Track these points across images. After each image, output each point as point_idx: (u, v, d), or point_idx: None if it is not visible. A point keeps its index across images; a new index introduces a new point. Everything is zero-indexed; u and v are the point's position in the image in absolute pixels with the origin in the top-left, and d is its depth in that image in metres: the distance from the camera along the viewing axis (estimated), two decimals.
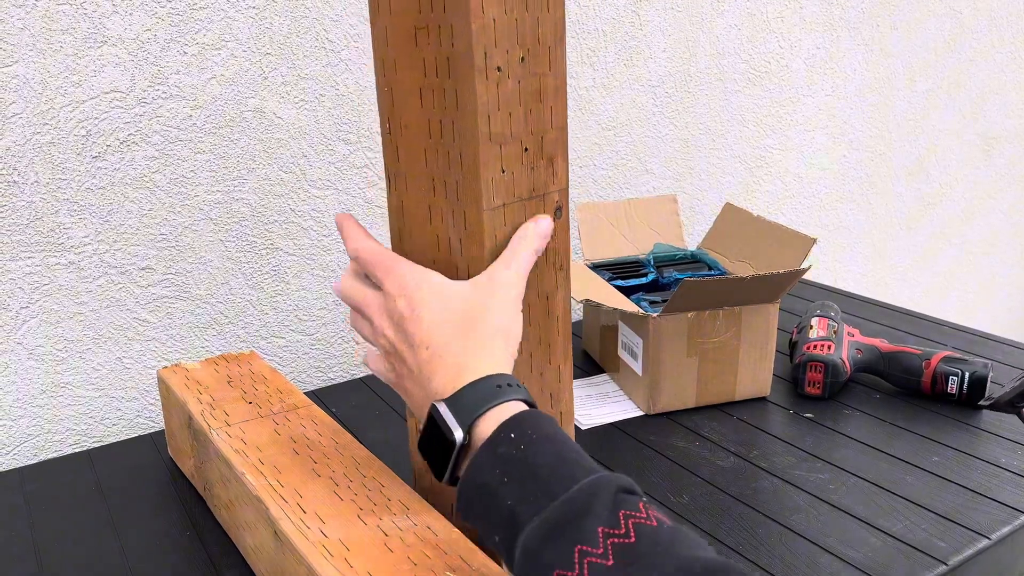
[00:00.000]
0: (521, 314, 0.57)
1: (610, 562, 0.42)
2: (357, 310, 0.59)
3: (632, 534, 0.43)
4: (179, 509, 0.81)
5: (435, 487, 0.67)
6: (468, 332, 0.54)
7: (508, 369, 0.54)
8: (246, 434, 0.73)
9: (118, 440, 0.98)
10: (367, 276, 0.59)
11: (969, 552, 0.72)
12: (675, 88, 1.43)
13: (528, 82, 0.56)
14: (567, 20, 1.16)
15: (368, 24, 1.07)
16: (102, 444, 0.99)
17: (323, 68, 1.05)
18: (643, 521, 0.44)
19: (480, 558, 0.56)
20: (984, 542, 0.73)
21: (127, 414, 1.02)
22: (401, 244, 0.62)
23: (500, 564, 0.56)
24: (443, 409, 0.51)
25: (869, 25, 1.70)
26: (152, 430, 1.02)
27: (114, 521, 0.80)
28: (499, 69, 0.54)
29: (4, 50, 0.86)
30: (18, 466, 0.93)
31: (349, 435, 0.74)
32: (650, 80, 1.39)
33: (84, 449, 0.97)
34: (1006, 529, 0.75)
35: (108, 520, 0.80)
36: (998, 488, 0.81)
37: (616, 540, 0.43)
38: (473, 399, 0.51)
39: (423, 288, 0.55)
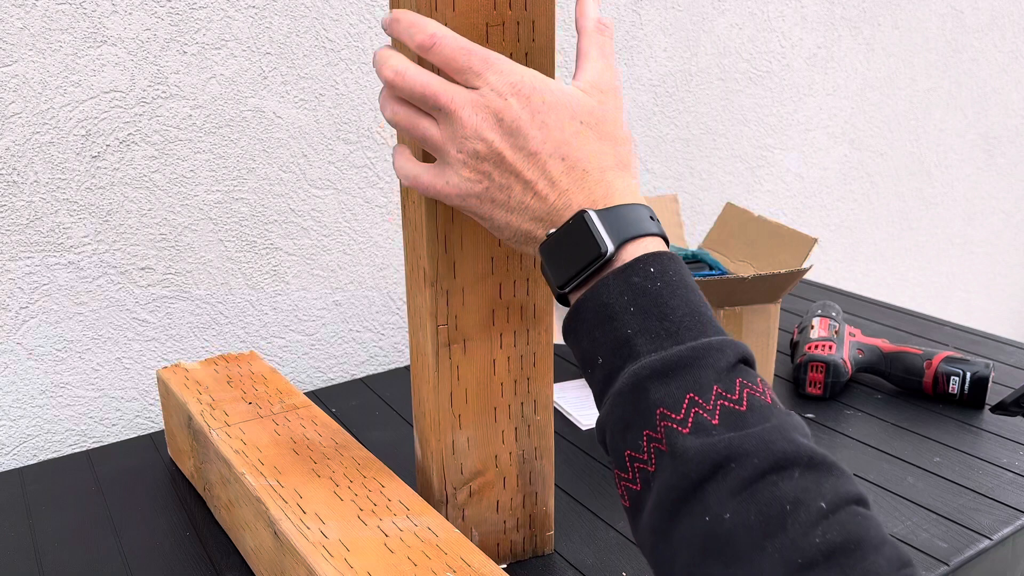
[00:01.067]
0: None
1: (715, 421, 0.41)
2: (428, 106, 0.50)
3: (744, 403, 0.42)
4: (179, 509, 0.81)
5: (422, 466, 0.67)
6: (605, 153, 0.50)
7: (640, 194, 0.52)
8: (246, 434, 0.73)
9: (118, 440, 0.98)
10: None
11: (970, 553, 0.72)
12: (676, 87, 1.42)
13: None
14: (566, 20, 1.16)
15: (370, 24, 1.06)
16: (102, 444, 0.99)
17: (323, 68, 1.05)
18: (758, 395, 0.43)
19: (480, 558, 0.56)
20: (985, 543, 0.73)
21: (127, 414, 1.02)
22: (448, 254, 0.60)
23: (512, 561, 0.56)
24: (595, 220, 0.47)
25: (870, 24, 1.70)
26: (152, 430, 1.02)
27: (114, 521, 0.80)
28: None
29: (4, 50, 0.86)
30: (18, 466, 0.93)
31: (349, 435, 0.74)
32: (651, 79, 1.38)
33: (84, 449, 0.97)
34: (1007, 530, 0.75)
35: (108, 520, 0.80)
36: (1000, 489, 0.81)
37: (727, 404, 0.42)
38: (626, 221, 0.48)
39: (540, 89, 0.49)
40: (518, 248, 0.53)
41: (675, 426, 0.42)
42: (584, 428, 0.94)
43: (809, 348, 1.00)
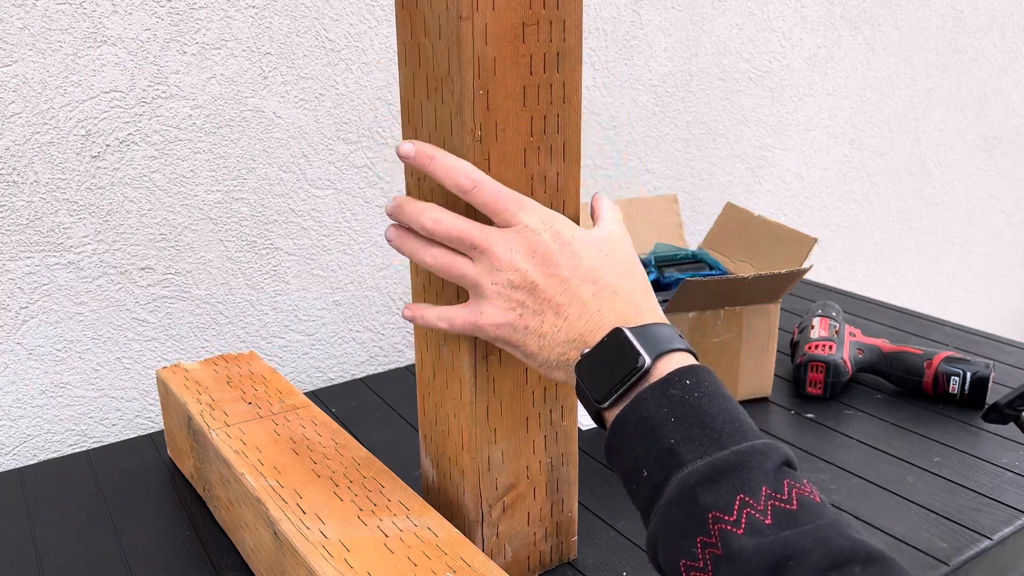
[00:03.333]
0: None
1: (768, 520, 0.42)
2: (466, 247, 0.54)
3: (795, 502, 0.43)
4: (179, 509, 0.81)
5: (442, 487, 0.66)
6: (630, 276, 0.54)
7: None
8: (246, 434, 0.73)
9: (118, 440, 0.98)
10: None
11: (971, 553, 0.72)
12: (676, 87, 1.42)
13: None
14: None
15: (370, 24, 1.06)
16: (102, 444, 0.99)
17: (323, 68, 1.05)
18: (807, 495, 0.43)
19: (480, 558, 0.56)
20: (986, 543, 0.73)
21: (127, 414, 1.02)
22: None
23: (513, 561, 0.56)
24: (630, 336, 0.50)
25: (870, 24, 1.70)
26: (152, 430, 1.02)
27: (114, 521, 0.80)
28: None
29: (4, 50, 0.86)
30: (18, 466, 0.93)
31: (349, 435, 0.74)
32: (651, 79, 1.38)
33: (84, 449, 0.97)
34: (1008, 530, 0.75)
35: (108, 520, 0.80)
36: (1000, 489, 0.81)
37: (777, 504, 0.42)
38: (659, 337, 0.51)
39: (568, 226, 0.54)
40: (550, 375, 0.55)
41: (729, 528, 0.42)
42: (584, 428, 0.94)
43: (809, 348, 1.00)
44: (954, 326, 1.21)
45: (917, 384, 0.98)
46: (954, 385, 0.96)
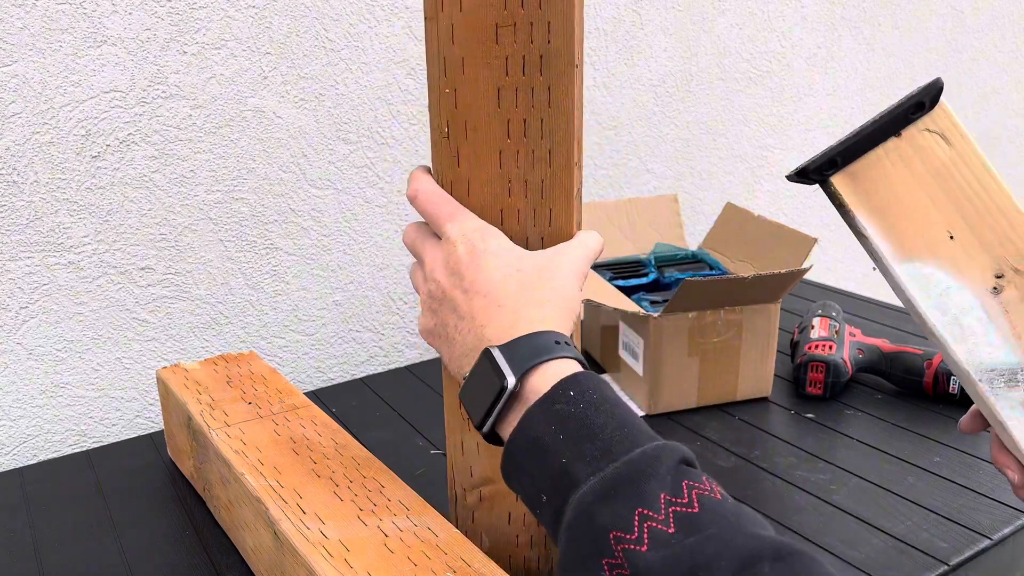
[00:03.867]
0: (580, 292, 0.55)
1: (671, 529, 0.40)
2: (415, 256, 0.58)
3: (696, 504, 0.41)
4: (179, 509, 0.81)
5: (448, 482, 0.66)
6: (529, 289, 0.52)
7: (566, 330, 0.52)
8: (245, 434, 0.73)
9: (117, 440, 0.98)
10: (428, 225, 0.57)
11: (971, 552, 0.72)
12: (676, 87, 1.42)
13: (580, 70, 0.57)
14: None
15: (370, 24, 1.06)
16: (101, 444, 0.99)
17: (323, 68, 1.05)
18: (707, 493, 0.42)
19: (480, 558, 0.56)
20: (986, 542, 0.73)
21: (126, 414, 1.02)
22: None
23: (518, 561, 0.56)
24: (497, 354, 0.49)
25: (870, 24, 1.70)
26: (151, 430, 1.02)
27: (114, 521, 0.80)
28: (576, 65, 0.55)
29: (4, 50, 0.86)
30: (18, 466, 0.93)
31: (349, 435, 0.74)
32: (651, 79, 1.38)
33: (83, 449, 0.97)
34: (1008, 529, 0.75)
35: (108, 520, 0.80)
36: (1000, 488, 0.81)
37: (678, 508, 0.41)
38: (528, 349, 0.49)
39: (488, 240, 0.54)
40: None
41: (632, 547, 0.40)
42: None
43: (809, 348, 1.00)
44: None
45: (917, 384, 0.98)
46: (954, 385, 0.96)
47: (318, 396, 1.06)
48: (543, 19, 0.53)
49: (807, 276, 1.36)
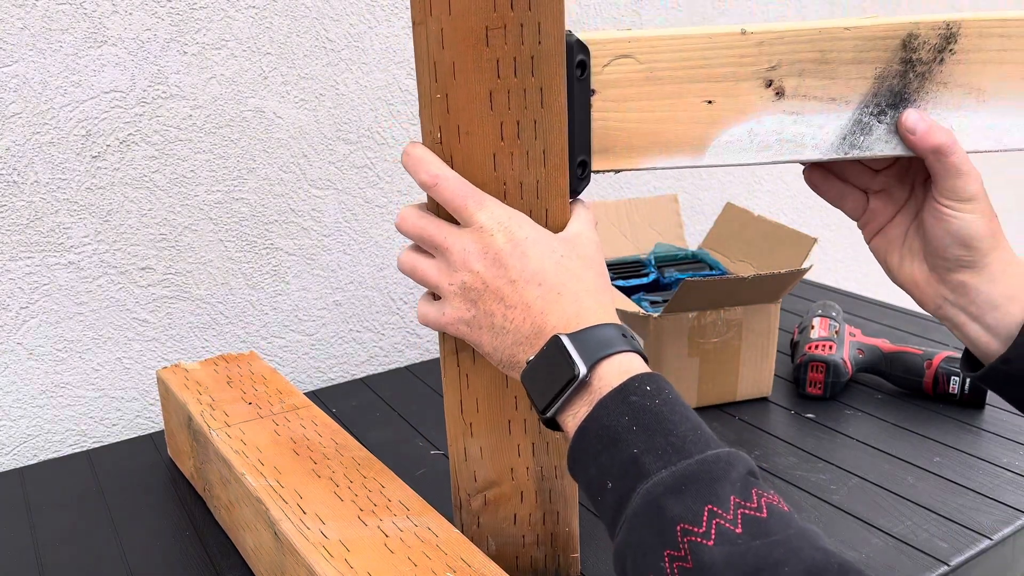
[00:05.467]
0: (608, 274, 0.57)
1: (739, 530, 0.40)
2: (428, 246, 0.55)
3: (764, 511, 0.41)
4: (179, 509, 0.81)
5: (453, 488, 0.66)
6: (578, 276, 0.53)
7: (619, 322, 0.53)
8: (246, 435, 0.73)
9: (118, 440, 0.98)
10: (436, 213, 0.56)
11: (971, 552, 0.72)
12: None
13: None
14: (567, 20, 1.16)
15: (370, 24, 1.06)
16: (102, 444, 0.99)
17: (323, 68, 1.05)
18: (776, 504, 0.42)
19: (480, 558, 0.56)
20: (986, 543, 0.73)
21: (127, 414, 1.02)
22: None
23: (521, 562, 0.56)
24: (567, 342, 0.49)
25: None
26: (152, 430, 1.02)
27: (114, 521, 0.80)
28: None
29: (4, 50, 0.86)
30: (18, 466, 0.93)
31: (349, 435, 0.74)
32: None
33: (84, 449, 0.97)
34: (1008, 529, 0.75)
35: (108, 520, 0.80)
36: (1000, 489, 0.81)
37: (747, 512, 0.41)
38: (597, 341, 0.50)
39: (524, 227, 0.53)
40: (509, 374, 0.55)
41: (699, 539, 0.41)
42: None
43: (809, 348, 1.00)
44: None
45: (917, 384, 0.98)
46: (954, 385, 0.96)
47: (318, 396, 1.06)
48: (533, 20, 0.53)
49: (807, 276, 1.36)
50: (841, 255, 1.85)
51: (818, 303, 1.10)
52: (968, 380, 0.95)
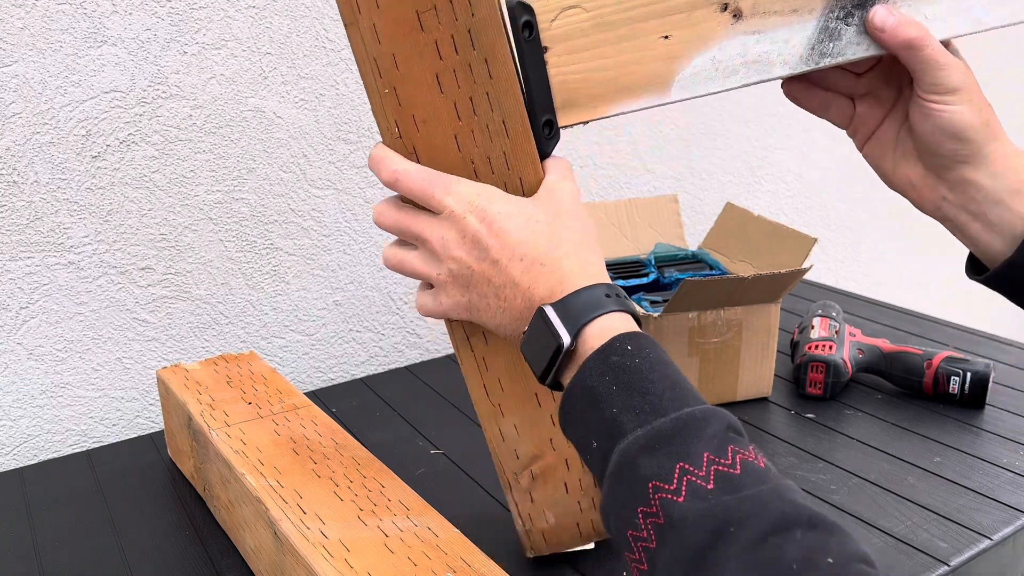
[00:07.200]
0: (591, 219, 0.56)
1: (710, 486, 0.41)
2: (407, 238, 0.55)
3: (738, 467, 0.42)
4: (179, 509, 0.81)
5: (498, 471, 0.66)
6: (556, 240, 0.53)
7: (605, 277, 0.53)
8: (246, 434, 0.73)
9: (118, 440, 0.98)
10: (411, 203, 0.55)
11: (971, 553, 0.72)
12: None
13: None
14: None
15: None
16: (102, 444, 0.99)
17: (323, 68, 1.05)
18: (751, 460, 0.42)
19: (480, 558, 0.56)
20: (986, 543, 0.73)
21: (127, 414, 1.02)
22: None
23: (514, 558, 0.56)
24: (551, 313, 0.50)
25: None
26: (152, 430, 1.02)
27: (114, 521, 0.80)
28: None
29: (4, 50, 0.86)
30: (18, 466, 0.93)
31: (349, 435, 0.74)
32: None
33: (84, 449, 0.97)
34: (1008, 529, 0.75)
35: (108, 520, 0.80)
36: (1000, 488, 0.81)
37: (720, 468, 0.42)
38: (581, 305, 0.50)
39: (495, 202, 0.53)
40: (518, 346, 0.55)
41: (669, 496, 0.41)
42: None
43: (809, 348, 1.00)
44: (954, 326, 1.21)
45: (917, 384, 0.98)
46: (954, 385, 0.96)
47: (318, 396, 1.06)
48: None
49: (807, 276, 1.36)
50: (841, 255, 1.85)
51: (818, 303, 1.10)
52: (968, 380, 0.95)
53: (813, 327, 1.03)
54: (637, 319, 0.52)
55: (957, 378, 0.96)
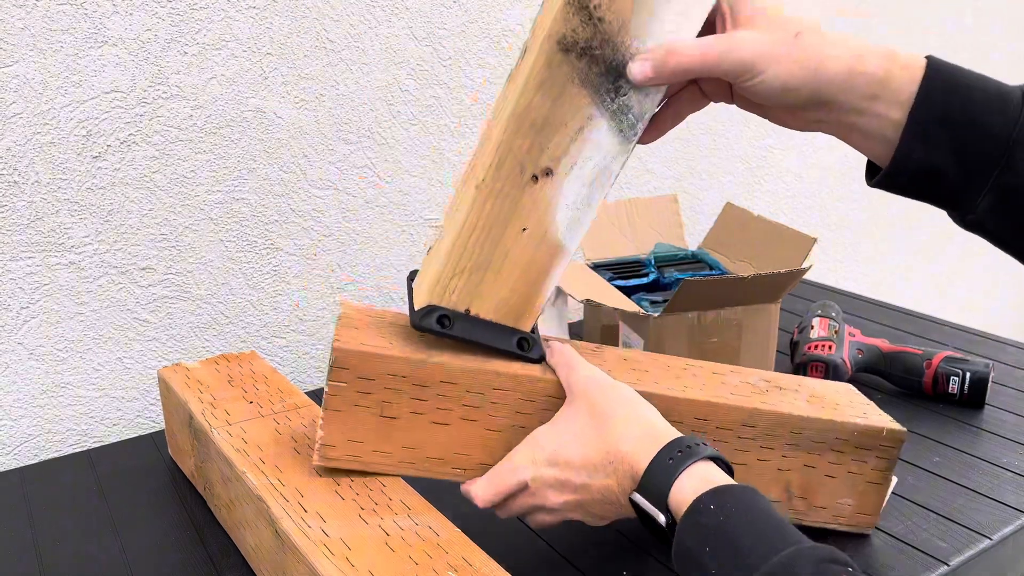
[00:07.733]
0: (634, 390, 0.62)
1: None
2: (527, 512, 0.63)
3: None
4: (179, 509, 0.81)
5: None
6: (609, 431, 0.58)
7: (663, 428, 0.58)
8: (247, 433, 0.73)
9: (118, 440, 0.98)
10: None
11: (970, 552, 0.72)
12: None
13: None
14: None
15: (370, 24, 1.06)
16: (102, 444, 0.99)
17: (323, 68, 1.05)
18: None
19: (481, 557, 0.56)
20: (985, 542, 0.73)
21: (127, 414, 1.02)
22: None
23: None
24: (641, 500, 0.56)
25: (870, 24, 1.70)
26: (152, 430, 1.02)
27: (114, 521, 0.80)
28: None
29: (4, 50, 0.86)
30: (18, 466, 0.93)
31: None
32: None
33: (84, 449, 0.97)
34: (1007, 529, 0.75)
35: (108, 520, 0.80)
36: (999, 488, 0.81)
37: None
38: (656, 482, 0.55)
39: (548, 443, 0.61)
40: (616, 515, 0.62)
41: None
42: None
43: (809, 348, 1.00)
44: (954, 326, 1.21)
45: (917, 384, 0.98)
46: (954, 385, 0.96)
47: (318, 396, 1.05)
48: None
49: (807, 276, 1.37)
50: (841, 255, 1.85)
51: (818, 303, 1.10)
52: (968, 380, 0.95)
53: (813, 327, 1.04)
54: (716, 457, 0.55)
55: (956, 378, 0.96)
